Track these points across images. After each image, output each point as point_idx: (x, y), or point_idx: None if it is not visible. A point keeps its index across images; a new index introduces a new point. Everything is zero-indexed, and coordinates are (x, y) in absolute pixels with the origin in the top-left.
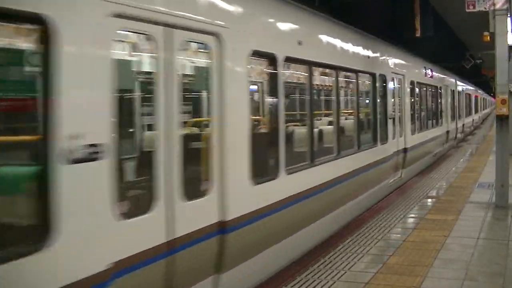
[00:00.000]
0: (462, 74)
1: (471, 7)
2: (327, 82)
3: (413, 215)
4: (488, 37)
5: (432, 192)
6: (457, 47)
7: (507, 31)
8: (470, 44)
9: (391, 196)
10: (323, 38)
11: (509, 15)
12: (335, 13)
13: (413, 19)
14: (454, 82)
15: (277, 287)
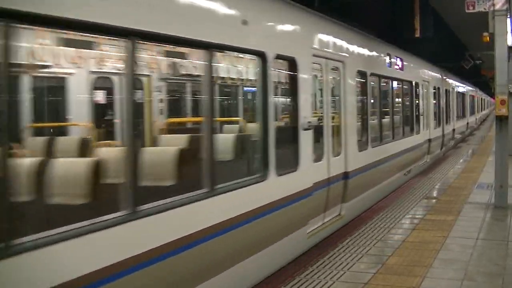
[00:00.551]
0: (462, 75)
1: (471, 8)
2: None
3: (413, 216)
4: (488, 38)
5: (432, 193)
6: (457, 48)
7: (507, 32)
8: (470, 45)
9: (390, 197)
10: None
11: (509, 16)
12: (335, 13)
13: (413, 19)
14: (440, 78)
15: (277, 287)
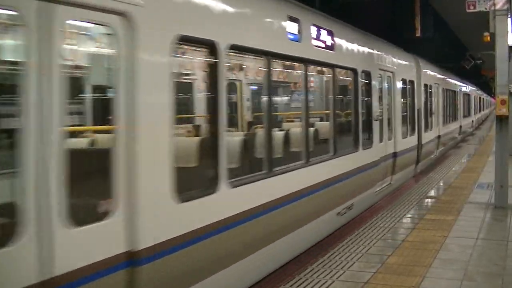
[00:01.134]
0: (462, 75)
1: (472, 8)
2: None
3: (413, 215)
4: (488, 38)
5: (432, 192)
6: (457, 47)
7: (507, 32)
8: (470, 45)
9: (390, 197)
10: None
11: (509, 16)
12: (335, 15)
13: (413, 19)
14: (414, 69)
15: (276, 286)
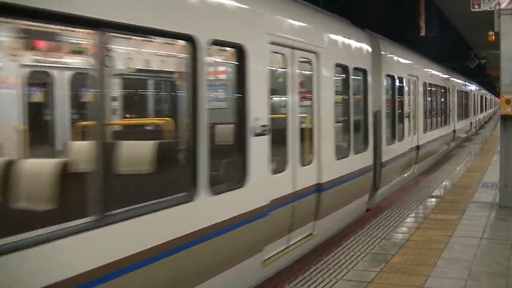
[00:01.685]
0: (467, 74)
1: (476, 7)
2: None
3: (417, 215)
4: (493, 37)
5: (436, 192)
6: (462, 47)
7: None
8: (475, 44)
9: (394, 196)
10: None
11: None
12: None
13: (418, 18)
14: (369, 51)
15: (280, 285)
